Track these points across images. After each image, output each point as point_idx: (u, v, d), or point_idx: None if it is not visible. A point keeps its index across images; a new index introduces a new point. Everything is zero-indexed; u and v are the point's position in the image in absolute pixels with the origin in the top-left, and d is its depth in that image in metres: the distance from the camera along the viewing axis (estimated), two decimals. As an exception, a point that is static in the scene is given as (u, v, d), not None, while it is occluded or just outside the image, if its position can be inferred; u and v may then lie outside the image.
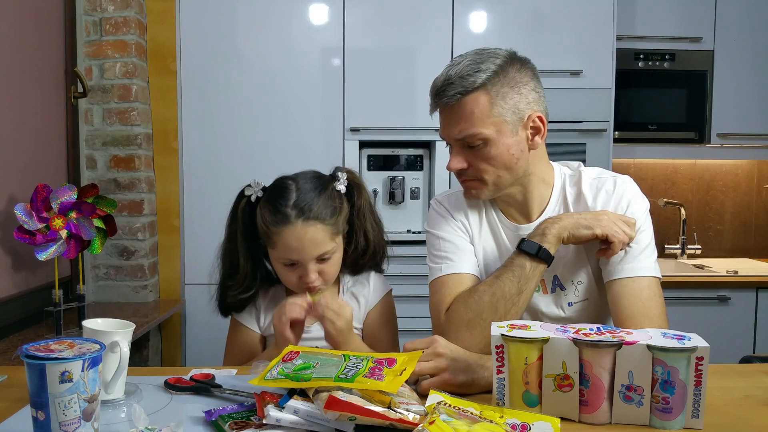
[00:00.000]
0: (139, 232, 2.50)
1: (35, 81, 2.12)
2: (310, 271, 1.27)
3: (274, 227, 1.26)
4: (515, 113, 1.18)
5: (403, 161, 2.68)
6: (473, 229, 1.31)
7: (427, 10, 2.57)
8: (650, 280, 1.18)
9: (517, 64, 1.20)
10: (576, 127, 2.62)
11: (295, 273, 1.30)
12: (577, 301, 1.26)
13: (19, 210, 1.77)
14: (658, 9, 2.84)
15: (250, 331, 1.40)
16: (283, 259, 1.29)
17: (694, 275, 2.71)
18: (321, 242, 1.26)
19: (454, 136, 1.21)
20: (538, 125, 1.20)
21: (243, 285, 1.35)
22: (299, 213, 1.25)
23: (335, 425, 0.87)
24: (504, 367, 0.96)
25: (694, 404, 0.91)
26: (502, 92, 1.17)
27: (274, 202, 1.28)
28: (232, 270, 1.35)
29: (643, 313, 1.15)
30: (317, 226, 1.26)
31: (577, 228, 1.17)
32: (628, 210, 1.22)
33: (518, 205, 1.29)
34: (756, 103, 2.89)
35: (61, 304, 1.92)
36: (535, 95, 1.20)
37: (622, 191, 1.24)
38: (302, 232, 1.25)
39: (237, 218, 1.34)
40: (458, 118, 1.18)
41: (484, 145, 1.18)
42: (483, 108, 1.16)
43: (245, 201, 1.33)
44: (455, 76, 1.17)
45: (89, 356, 0.84)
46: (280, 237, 1.26)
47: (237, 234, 1.34)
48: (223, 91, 2.56)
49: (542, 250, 1.16)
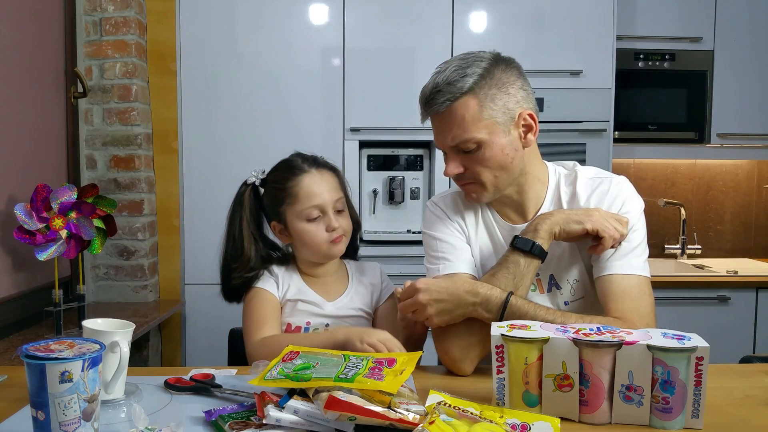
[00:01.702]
0: (139, 232, 2.50)
1: (35, 81, 2.12)
2: (333, 218, 1.38)
3: (292, 182, 1.38)
4: (506, 113, 1.19)
5: (403, 161, 2.68)
6: (469, 229, 1.32)
7: (427, 10, 2.57)
8: (640, 278, 1.19)
9: (503, 65, 1.21)
10: (576, 127, 2.62)
11: (319, 226, 1.38)
12: (573, 299, 1.27)
13: (19, 210, 1.77)
14: (658, 9, 2.84)
15: (272, 296, 1.42)
16: (307, 210, 1.37)
17: (694, 275, 2.71)
18: (335, 187, 1.41)
19: (448, 143, 1.22)
20: (530, 122, 1.21)
21: (247, 266, 1.41)
22: (312, 163, 1.41)
23: (335, 425, 0.87)
24: (504, 367, 0.96)
25: (694, 404, 0.91)
26: (491, 94, 1.18)
27: (287, 166, 1.41)
28: (236, 252, 1.41)
29: (633, 310, 1.15)
30: (329, 173, 1.42)
31: (567, 223, 1.18)
32: (622, 210, 1.23)
33: (514, 204, 1.29)
34: (756, 103, 2.89)
35: (61, 304, 1.92)
36: (524, 93, 1.21)
37: (616, 192, 1.24)
38: (319, 177, 1.39)
39: (242, 204, 1.42)
40: (450, 124, 1.19)
41: (479, 148, 1.19)
42: (473, 112, 1.17)
43: (250, 187, 1.44)
44: (442, 83, 1.18)
45: (89, 356, 0.84)
46: (301, 186, 1.37)
47: (242, 219, 1.42)
48: (223, 91, 2.56)
49: (535, 245, 1.17)
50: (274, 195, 1.41)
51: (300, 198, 1.37)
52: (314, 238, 1.38)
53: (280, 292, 1.43)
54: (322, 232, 1.38)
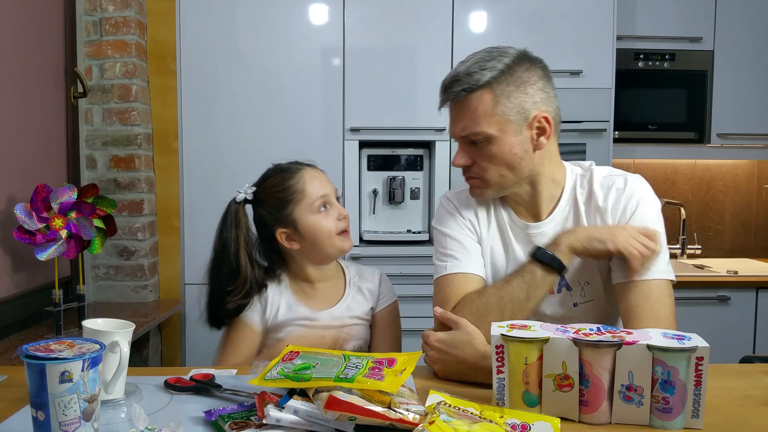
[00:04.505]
0: (139, 232, 2.50)
1: (35, 81, 2.12)
2: (339, 206, 1.42)
3: (293, 179, 1.39)
4: (520, 113, 1.18)
5: (403, 161, 2.68)
6: (482, 227, 1.31)
7: (427, 10, 2.57)
8: (661, 282, 1.17)
9: (527, 63, 1.19)
10: (576, 127, 2.62)
11: (329, 216, 1.40)
12: (582, 302, 1.26)
13: (19, 210, 1.77)
14: (658, 9, 2.84)
15: (252, 331, 1.41)
16: (316, 202, 1.39)
17: (694, 275, 2.71)
18: (329, 180, 1.45)
19: (458, 133, 1.22)
20: (544, 126, 1.19)
21: (244, 289, 1.38)
22: (299, 163, 1.45)
23: (335, 425, 0.87)
24: (504, 367, 0.96)
25: (694, 404, 0.91)
26: (507, 91, 1.17)
27: (279, 170, 1.42)
28: (232, 275, 1.38)
29: (651, 315, 1.14)
30: (317, 169, 1.46)
31: (590, 241, 1.16)
32: (638, 209, 1.21)
33: (527, 204, 1.28)
34: (756, 103, 2.89)
35: (61, 304, 1.92)
36: (543, 95, 1.19)
37: (633, 189, 1.23)
38: (314, 172, 1.44)
39: (237, 223, 1.40)
40: (463, 114, 1.19)
41: (487, 143, 1.18)
42: (486, 106, 1.16)
43: (241, 205, 1.42)
44: (462, 73, 1.18)
45: (89, 356, 0.84)
46: (305, 180, 1.40)
47: (239, 238, 1.39)
48: (223, 91, 2.56)
49: (555, 259, 1.15)
50: (278, 199, 1.39)
51: (307, 192, 1.38)
52: (327, 228, 1.39)
53: (268, 315, 1.40)
54: (334, 221, 1.40)
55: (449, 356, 1.14)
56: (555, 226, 1.26)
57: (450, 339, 1.15)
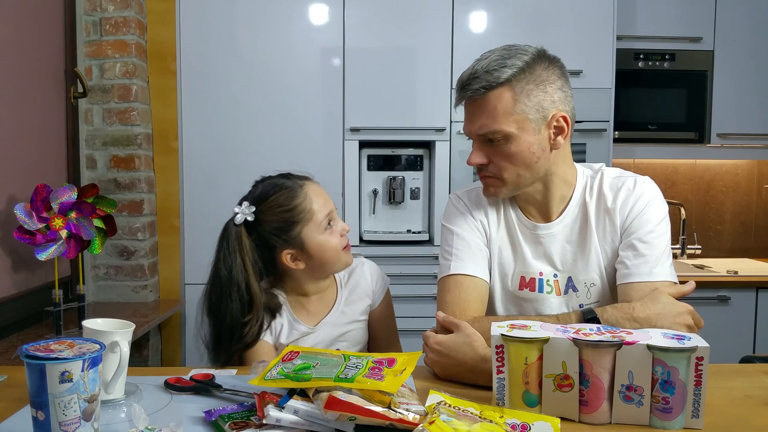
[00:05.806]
0: (139, 232, 2.50)
1: (35, 81, 2.12)
2: (340, 220, 1.38)
3: (299, 198, 1.32)
4: (539, 111, 1.17)
5: (403, 161, 2.68)
6: (491, 228, 1.31)
7: (427, 10, 2.57)
8: (664, 284, 1.18)
9: (545, 62, 1.19)
10: (576, 127, 2.57)
11: (333, 233, 1.35)
12: (587, 303, 1.26)
13: (19, 210, 1.77)
14: (658, 9, 2.84)
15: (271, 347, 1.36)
16: (323, 218, 1.34)
17: (694, 275, 2.71)
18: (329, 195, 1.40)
19: (475, 131, 1.20)
20: (562, 125, 1.20)
21: (260, 317, 1.31)
22: (296, 177, 1.38)
23: (335, 425, 0.87)
24: (504, 367, 0.96)
25: (694, 404, 0.91)
26: (527, 89, 1.16)
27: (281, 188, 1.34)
28: (243, 304, 1.29)
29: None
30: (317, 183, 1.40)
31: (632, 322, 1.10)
32: (645, 210, 1.21)
33: (538, 204, 1.28)
34: (756, 103, 2.89)
35: (61, 304, 1.92)
36: (561, 94, 1.19)
37: (642, 191, 1.23)
38: (317, 186, 1.38)
39: (241, 247, 1.30)
40: (480, 113, 1.18)
41: (505, 141, 1.18)
42: (506, 104, 1.16)
43: (242, 227, 1.31)
44: (481, 70, 1.16)
45: (89, 356, 0.84)
46: (311, 199, 1.33)
47: (245, 263, 1.29)
48: (223, 91, 2.56)
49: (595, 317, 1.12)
50: (283, 220, 1.32)
51: (315, 210, 1.33)
52: (334, 246, 1.35)
53: (273, 337, 1.36)
54: (338, 238, 1.36)
55: (449, 359, 1.13)
56: (564, 228, 1.26)
57: (449, 341, 1.14)
